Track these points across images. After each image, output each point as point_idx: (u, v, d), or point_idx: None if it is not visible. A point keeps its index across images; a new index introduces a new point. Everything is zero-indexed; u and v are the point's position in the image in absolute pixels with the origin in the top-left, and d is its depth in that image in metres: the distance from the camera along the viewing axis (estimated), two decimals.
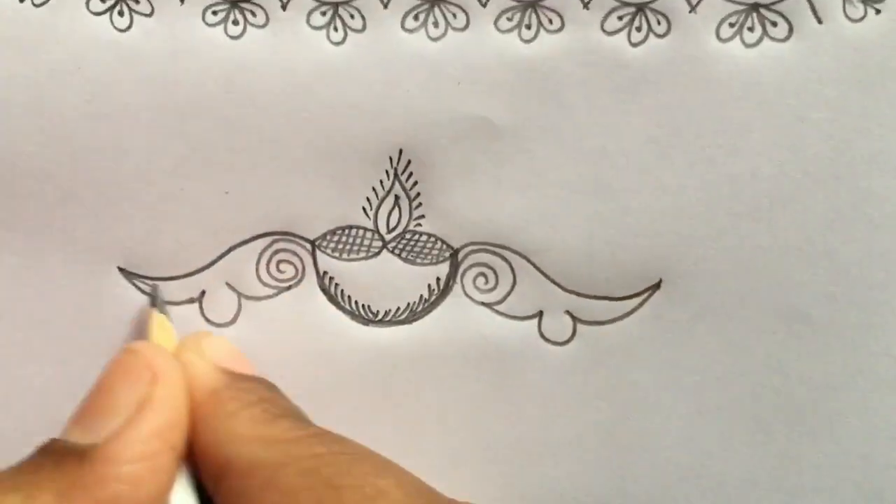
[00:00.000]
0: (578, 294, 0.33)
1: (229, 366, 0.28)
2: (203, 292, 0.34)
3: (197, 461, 0.26)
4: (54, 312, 0.33)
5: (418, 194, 0.33)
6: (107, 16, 0.32)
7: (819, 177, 0.32)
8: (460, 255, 0.34)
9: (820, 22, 0.31)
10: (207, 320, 0.34)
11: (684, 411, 0.34)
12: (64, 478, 0.23)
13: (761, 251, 0.33)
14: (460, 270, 0.34)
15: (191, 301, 0.34)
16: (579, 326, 0.34)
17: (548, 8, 0.32)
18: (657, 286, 0.33)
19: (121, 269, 0.33)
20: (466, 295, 0.34)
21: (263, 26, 0.32)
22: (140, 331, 0.33)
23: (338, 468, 0.24)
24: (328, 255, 0.34)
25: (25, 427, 0.34)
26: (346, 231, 0.33)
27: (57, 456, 0.24)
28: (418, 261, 0.34)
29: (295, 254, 0.34)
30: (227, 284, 0.34)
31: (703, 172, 0.32)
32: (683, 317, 0.33)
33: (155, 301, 0.33)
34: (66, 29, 0.32)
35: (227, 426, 0.25)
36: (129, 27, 0.32)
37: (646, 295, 0.33)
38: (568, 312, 0.34)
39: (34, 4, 0.32)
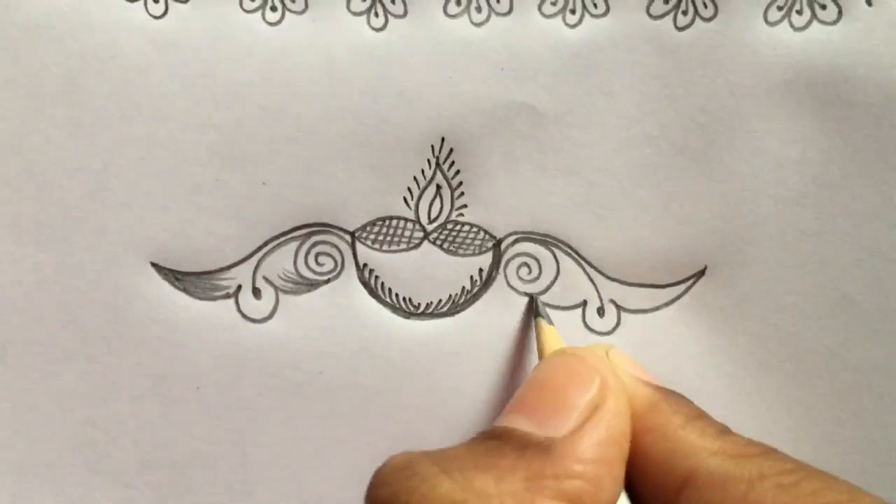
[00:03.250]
0: (623, 282, 0.33)
1: (641, 377, 0.27)
2: (239, 287, 0.33)
3: (639, 473, 0.26)
4: (85, 309, 0.32)
5: (460, 183, 0.32)
6: (141, 2, 0.31)
7: (868, 162, 0.32)
8: (503, 245, 0.33)
9: (870, 4, 0.31)
10: (244, 316, 0.33)
11: (727, 398, 0.34)
12: (530, 466, 0.23)
13: (808, 237, 0.33)
14: (503, 261, 0.33)
15: (226, 296, 0.33)
16: (623, 315, 0.33)
17: None
18: (702, 273, 0.33)
19: (153, 264, 0.32)
20: (510, 286, 0.33)
21: (302, 12, 0.31)
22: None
23: (817, 484, 0.24)
24: (368, 246, 0.33)
25: (55, 426, 0.33)
26: (387, 222, 0.33)
27: (518, 444, 0.24)
28: (460, 251, 0.33)
29: (334, 246, 0.33)
30: (264, 278, 0.33)
31: (750, 158, 0.32)
32: (728, 303, 0.33)
33: (539, 311, 0.32)
34: (99, 16, 0.31)
35: (684, 438, 0.25)
36: (164, 14, 0.31)
37: (690, 282, 0.33)
38: (612, 301, 0.33)
39: None
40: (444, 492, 0.23)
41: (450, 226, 0.33)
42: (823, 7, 0.31)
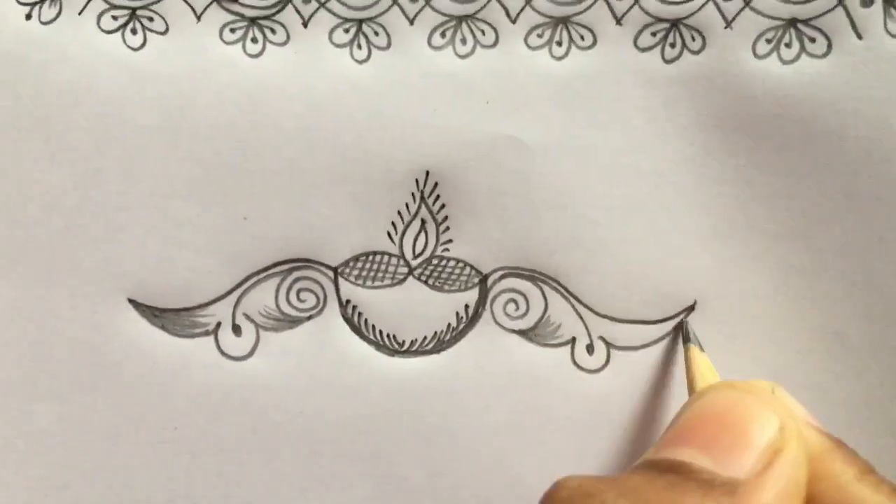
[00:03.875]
0: (612, 319, 0.32)
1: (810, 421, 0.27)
2: (219, 324, 0.32)
3: None
4: (60, 347, 0.32)
5: (446, 218, 0.32)
6: (119, 34, 0.30)
7: (858, 196, 0.31)
8: (489, 281, 0.32)
9: (860, 37, 0.31)
10: (223, 353, 0.32)
11: None
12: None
13: (797, 272, 0.32)
14: (490, 297, 0.32)
15: (206, 333, 0.32)
16: (613, 352, 0.33)
17: (579, 24, 0.31)
18: (692, 308, 0.32)
19: (131, 300, 0.32)
20: (496, 322, 0.32)
21: (284, 44, 0.31)
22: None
23: None
24: (351, 282, 0.32)
25: (28, 467, 0.32)
26: (370, 257, 0.32)
27: (703, 482, 0.23)
28: (446, 287, 0.32)
29: (316, 282, 0.32)
30: (245, 315, 0.32)
31: (739, 192, 0.32)
32: (718, 338, 0.32)
33: (688, 336, 0.32)
34: (76, 48, 0.30)
35: (858, 492, 0.24)
36: (143, 46, 0.30)
37: (680, 317, 0.32)
38: (602, 338, 0.32)
39: (41, 22, 0.30)
40: None
41: (435, 261, 0.32)
42: (812, 40, 0.31)
